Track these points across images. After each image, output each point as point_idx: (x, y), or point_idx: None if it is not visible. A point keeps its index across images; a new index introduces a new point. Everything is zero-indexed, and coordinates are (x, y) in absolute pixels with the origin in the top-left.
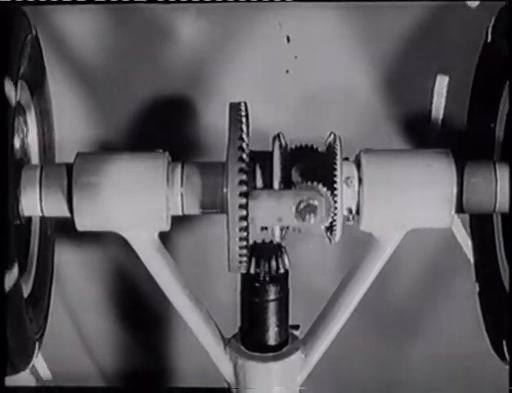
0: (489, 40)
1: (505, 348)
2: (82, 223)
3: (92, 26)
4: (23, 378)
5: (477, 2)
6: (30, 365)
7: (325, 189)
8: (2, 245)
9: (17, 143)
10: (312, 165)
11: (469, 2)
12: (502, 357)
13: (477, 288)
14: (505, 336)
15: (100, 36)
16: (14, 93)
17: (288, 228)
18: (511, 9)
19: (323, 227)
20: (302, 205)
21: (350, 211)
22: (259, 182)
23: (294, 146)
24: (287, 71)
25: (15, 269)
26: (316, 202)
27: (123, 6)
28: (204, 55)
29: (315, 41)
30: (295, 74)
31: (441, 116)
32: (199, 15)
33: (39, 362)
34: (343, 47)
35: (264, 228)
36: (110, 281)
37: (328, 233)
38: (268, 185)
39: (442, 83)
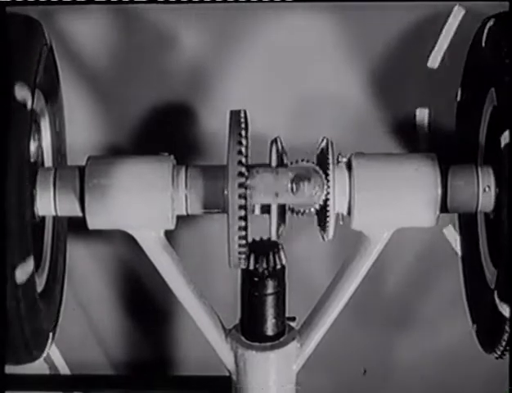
0: (482, 44)
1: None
2: (93, 222)
3: (99, 34)
4: (37, 366)
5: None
6: (45, 354)
7: (317, 167)
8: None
9: (32, 147)
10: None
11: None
12: (486, 348)
13: (462, 281)
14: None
15: (107, 45)
16: (30, 101)
17: (284, 223)
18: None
19: (317, 225)
20: (297, 179)
21: None
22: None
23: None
24: (284, 77)
25: (31, 263)
26: (309, 174)
27: (130, 13)
28: (205, 61)
29: (309, 47)
30: (291, 80)
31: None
32: (199, 20)
33: (53, 351)
34: (336, 54)
35: (264, 211)
36: (118, 276)
37: (321, 231)
38: None
39: (422, 115)
